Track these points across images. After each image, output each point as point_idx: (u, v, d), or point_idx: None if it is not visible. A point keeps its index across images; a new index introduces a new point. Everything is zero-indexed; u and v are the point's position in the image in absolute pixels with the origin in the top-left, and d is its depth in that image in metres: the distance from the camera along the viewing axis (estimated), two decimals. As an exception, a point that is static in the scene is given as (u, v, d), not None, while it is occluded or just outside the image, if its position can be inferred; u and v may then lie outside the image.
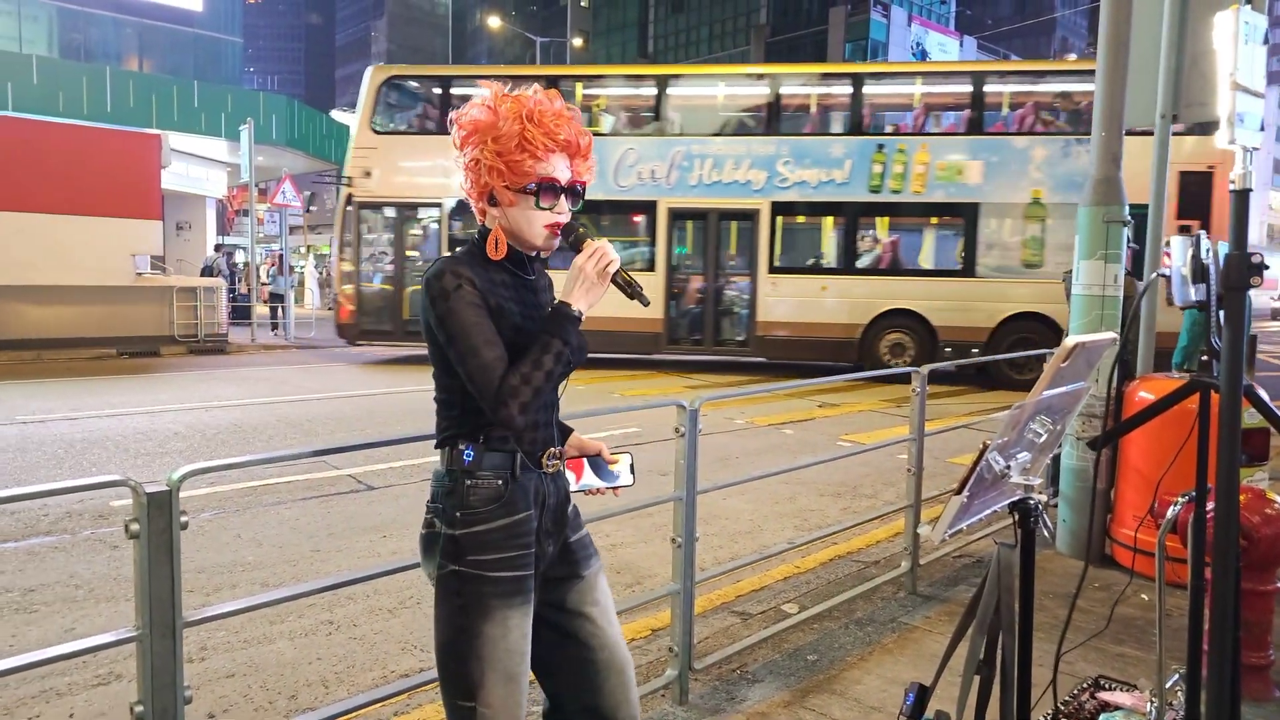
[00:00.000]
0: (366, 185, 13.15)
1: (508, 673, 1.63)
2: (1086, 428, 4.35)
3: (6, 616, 3.72)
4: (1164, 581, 2.19)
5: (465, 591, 1.63)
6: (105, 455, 6.73)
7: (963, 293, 12.37)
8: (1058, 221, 12.15)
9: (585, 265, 1.62)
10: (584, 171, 1.73)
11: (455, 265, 1.62)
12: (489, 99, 1.65)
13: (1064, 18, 55.85)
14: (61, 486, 1.78)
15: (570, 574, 1.79)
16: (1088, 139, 12.93)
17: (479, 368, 1.57)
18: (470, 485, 1.65)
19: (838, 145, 12.76)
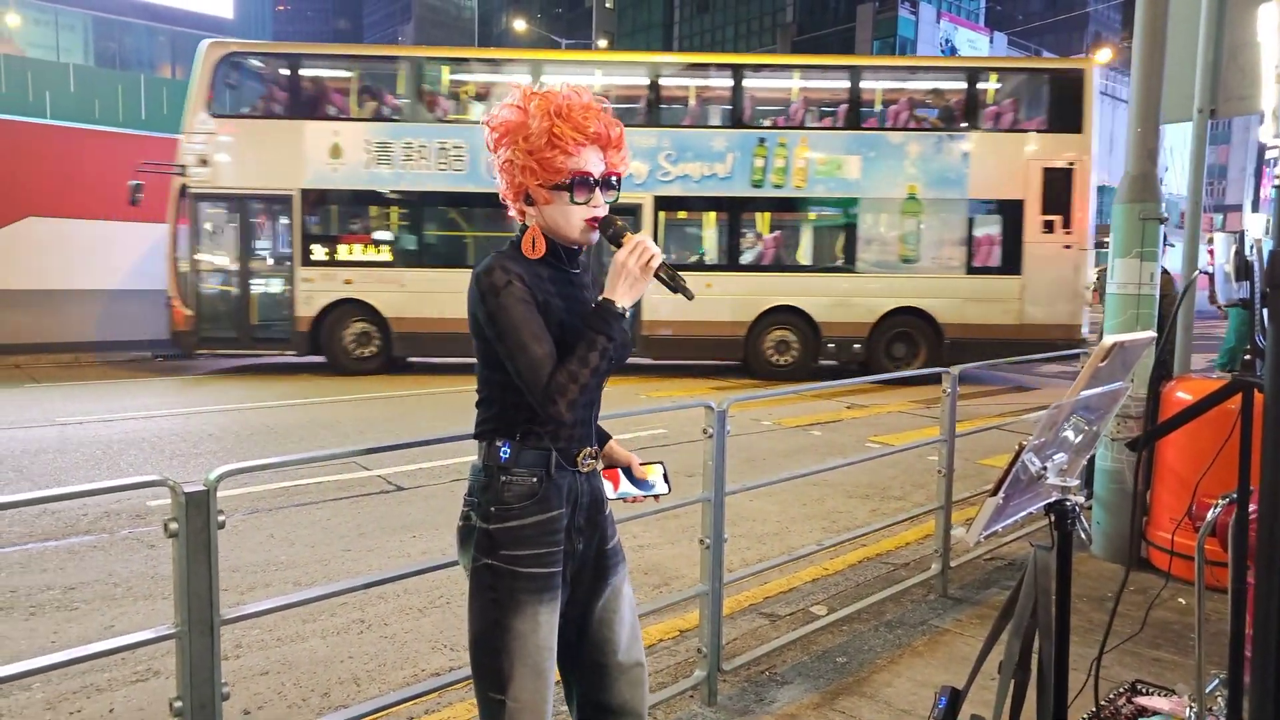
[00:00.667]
0: (203, 175, 11.83)
1: (536, 668, 1.65)
2: (1121, 429, 4.29)
3: (48, 614, 3.80)
4: (1203, 585, 2.15)
5: (498, 586, 1.66)
6: (141, 456, 6.85)
7: (844, 288, 12.33)
8: (933, 216, 12.37)
9: (627, 261, 1.63)
10: (618, 162, 1.73)
11: (504, 261, 1.64)
12: (518, 98, 1.66)
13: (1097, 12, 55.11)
14: (103, 486, 1.82)
15: (598, 579, 1.81)
16: (961, 135, 12.44)
17: (528, 364, 1.59)
18: (505, 481, 1.68)
19: (719, 138, 12.48)
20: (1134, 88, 4.21)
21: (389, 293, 12.14)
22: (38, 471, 6.28)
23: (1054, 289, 12.18)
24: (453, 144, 12.13)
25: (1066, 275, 12.23)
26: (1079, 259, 12.28)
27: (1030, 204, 12.11)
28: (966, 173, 12.31)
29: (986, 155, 12.31)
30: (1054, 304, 12.19)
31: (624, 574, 1.86)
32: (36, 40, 26.18)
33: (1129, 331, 4.10)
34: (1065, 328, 12.20)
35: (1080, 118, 12.28)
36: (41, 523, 5.02)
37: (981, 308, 12.22)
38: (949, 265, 12.37)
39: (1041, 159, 12.17)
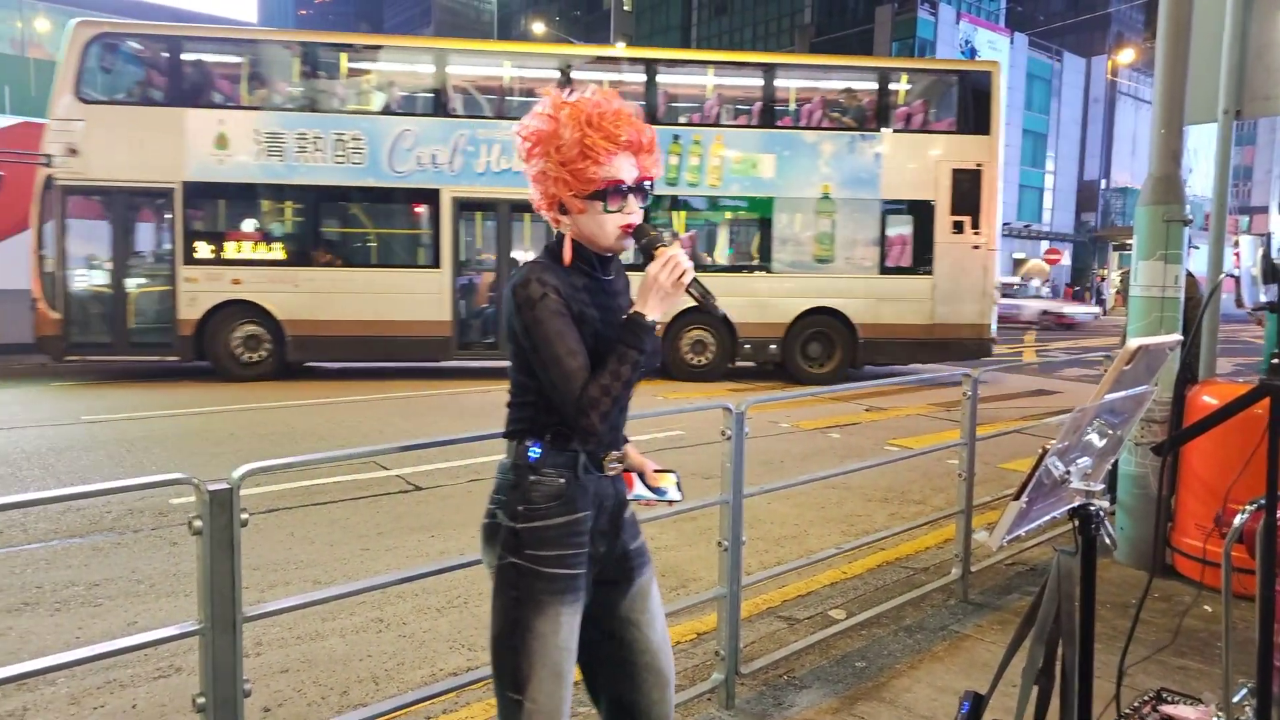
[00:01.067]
0: (72, 165, 10.87)
1: (556, 669, 1.66)
2: (1145, 433, 4.24)
3: (73, 610, 3.84)
4: (1230, 593, 2.12)
5: (521, 585, 1.67)
6: (165, 454, 6.92)
7: (760, 289, 12.30)
8: (846, 216, 12.41)
9: (659, 275, 1.63)
10: (650, 167, 1.73)
11: (539, 273, 1.65)
12: (548, 107, 1.66)
13: (1119, 12, 54.62)
14: (129, 484, 1.83)
15: (623, 579, 1.82)
16: (873, 135, 12.47)
17: (562, 377, 1.61)
18: (534, 481, 1.69)
19: None
20: (1157, 89, 4.17)
21: (282, 293, 11.49)
22: (63, 469, 6.36)
23: (964, 289, 12.35)
24: (351, 135, 11.59)
25: (976, 275, 12.39)
26: (988, 259, 12.47)
27: (940, 205, 12.31)
28: (879, 173, 12.40)
29: (898, 156, 12.43)
30: (964, 304, 12.36)
31: (650, 575, 1.87)
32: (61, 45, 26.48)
33: (1153, 334, 4.06)
34: (975, 327, 12.42)
35: (988, 119, 12.48)
36: (66, 519, 5.08)
37: (895, 307, 12.38)
38: (863, 265, 12.45)
39: (951, 160, 12.36)
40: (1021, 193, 48.74)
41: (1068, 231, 51.39)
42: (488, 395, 10.38)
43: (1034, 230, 48.95)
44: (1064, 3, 55.09)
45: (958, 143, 12.46)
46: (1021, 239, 48.65)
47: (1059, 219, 51.18)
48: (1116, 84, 52.42)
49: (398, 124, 11.82)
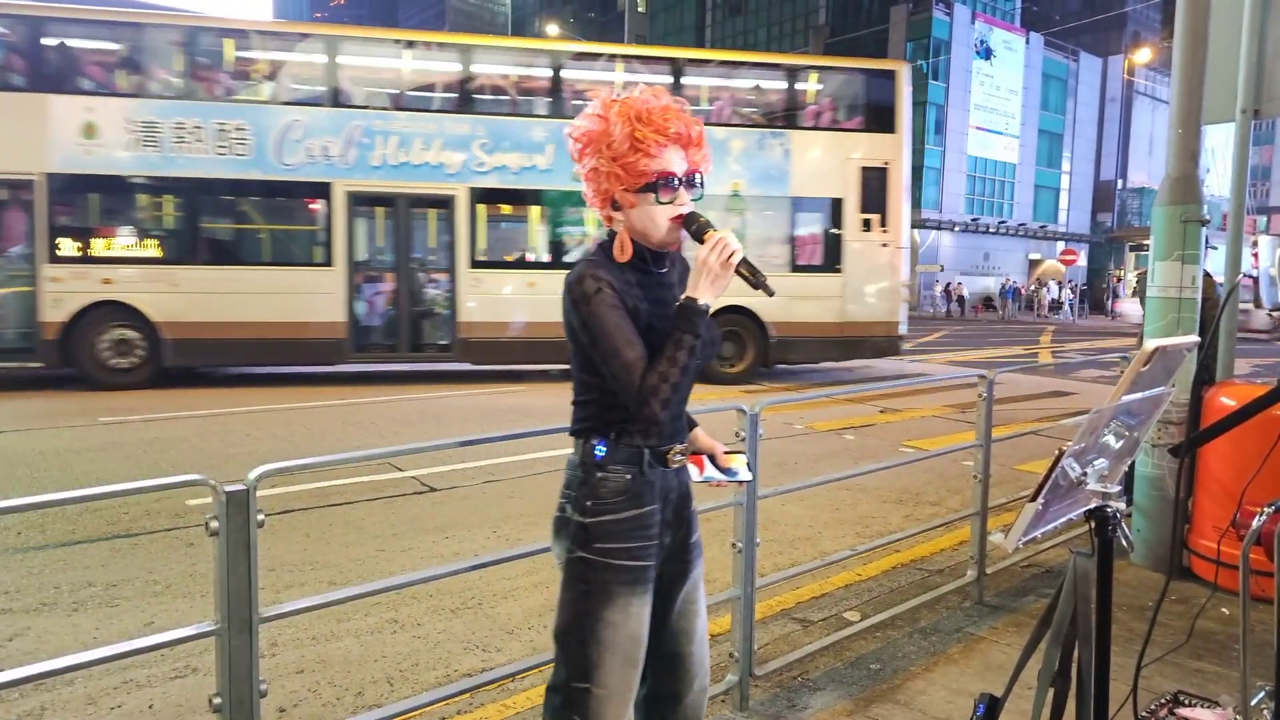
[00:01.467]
0: None
1: (627, 656, 1.72)
2: (1162, 434, 4.21)
3: (91, 610, 3.88)
4: (1248, 595, 2.10)
5: (590, 578, 1.73)
6: (181, 455, 6.97)
7: None
8: (757, 214, 12.40)
9: (708, 257, 1.66)
10: (700, 160, 1.76)
11: (594, 269, 1.68)
12: (598, 107, 1.71)
13: (1136, 11, 54.20)
14: (147, 485, 1.85)
15: (682, 571, 1.88)
16: (782, 132, 12.38)
17: (622, 368, 1.64)
18: (601, 477, 1.74)
19: (539, 128, 11.74)
20: (1174, 88, 4.14)
21: (158, 293, 10.76)
22: (81, 470, 6.42)
23: (874, 286, 12.45)
24: (235, 125, 10.97)
25: (885, 273, 12.52)
26: (896, 257, 12.55)
27: (849, 203, 12.40)
28: (789, 170, 12.38)
29: (807, 154, 12.44)
30: (874, 302, 12.47)
31: (702, 569, 1.93)
32: None
33: (1170, 335, 4.03)
34: (885, 325, 12.55)
35: (894, 118, 12.51)
36: (84, 520, 5.13)
37: (806, 306, 12.31)
38: (773, 263, 12.32)
39: (859, 158, 12.46)
40: (1037, 193, 48.48)
41: (1084, 232, 51.06)
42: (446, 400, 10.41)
43: (1050, 231, 48.67)
44: (1080, 2, 54.73)
45: (866, 141, 12.53)
46: (1037, 240, 48.38)
47: (1075, 219, 50.86)
48: (1133, 83, 52.05)
49: (286, 114, 11.22)
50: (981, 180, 45.14)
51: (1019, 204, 47.18)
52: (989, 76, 44.04)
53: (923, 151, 42.24)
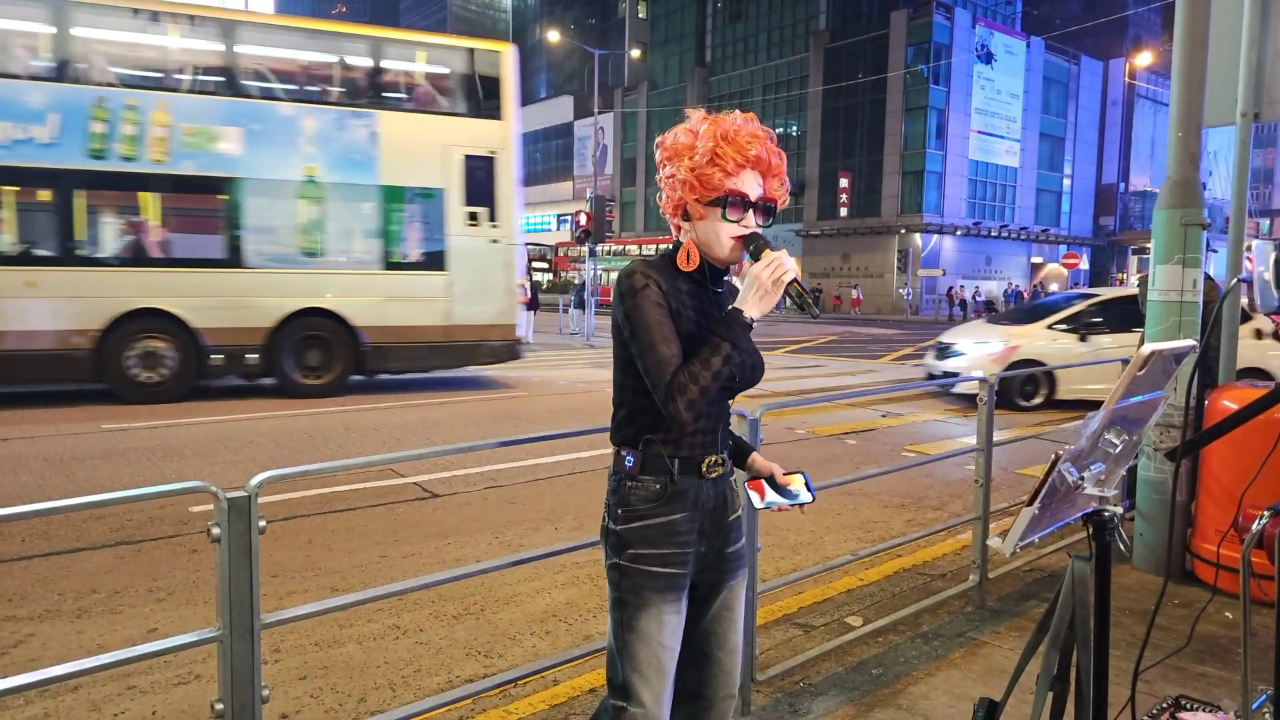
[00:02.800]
0: None
1: (659, 667, 1.75)
2: (1164, 438, 4.21)
3: (94, 616, 3.88)
4: (1249, 598, 2.10)
5: (623, 585, 1.77)
6: (184, 462, 6.98)
7: (229, 287, 10.45)
8: (339, 204, 11.00)
9: (761, 273, 1.69)
10: (778, 191, 1.81)
11: (646, 267, 1.73)
12: (693, 123, 1.76)
13: (1136, 15, 54.21)
14: (148, 492, 1.86)
15: (719, 578, 1.89)
16: (367, 113, 11.22)
17: (655, 362, 1.66)
18: (631, 486, 1.79)
19: (37, 93, 9.63)
20: (1174, 91, 4.15)
21: None
22: (84, 477, 6.43)
23: (484, 286, 11.42)
24: None
25: (496, 271, 11.50)
26: (509, 254, 11.57)
27: (452, 194, 11.30)
28: (377, 156, 11.02)
29: (400, 138, 11.15)
30: (485, 303, 11.45)
31: (743, 577, 1.95)
32: None
33: (1170, 339, 4.03)
34: (500, 328, 11.56)
35: (500, 104, 11.51)
36: (88, 527, 5.14)
37: (405, 308, 11.18)
38: (362, 260, 11.10)
39: (462, 146, 11.34)
40: (1039, 197, 48.46)
41: (1086, 235, 51.03)
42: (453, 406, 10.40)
43: (1052, 235, 48.64)
44: (1081, 5, 54.77)
45: (469, 127, 11.44)
46: (1039, 243, 48.35)
47: (1077, 223, 50.84)
48: (1134, 86, 52.06)
49: None
50: (983, 184, 45.14)
51: (1021, 208, 47.16)
52: (990, 80, 44.06)
53: (924, 156, 42.27)
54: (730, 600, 1.91)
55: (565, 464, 6.91)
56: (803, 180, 47.52)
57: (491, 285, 11.55)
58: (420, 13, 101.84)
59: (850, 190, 45.11)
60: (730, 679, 1.92)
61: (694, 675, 1.90)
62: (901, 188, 43.27)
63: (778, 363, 16.07)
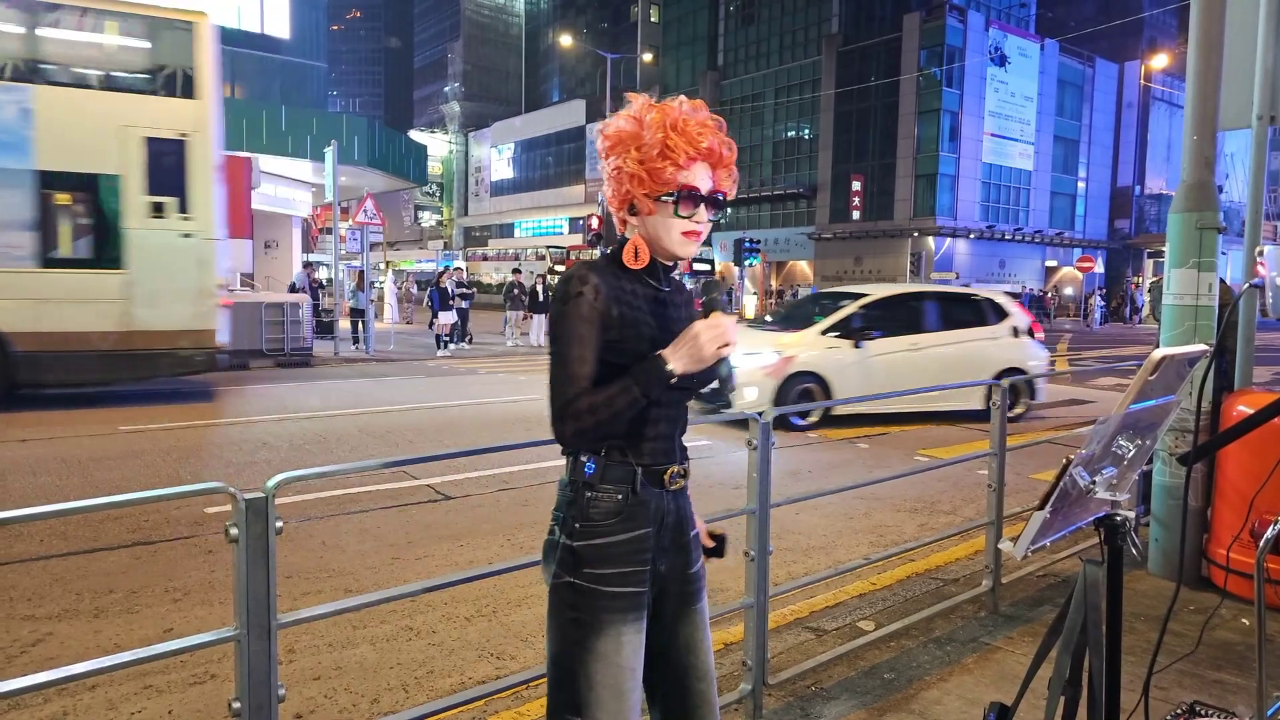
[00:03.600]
0: None
1: (618, 689, 1.63)
2: (1180, 443, 4.18)
3: (112, 616, 3.92)
4: (1264, 604, 2.09)
5: (580, 605, 1.64)
6: (200, 464, 7.03)
7: None
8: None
9: (702, 335, 1.58)
10: (726, 182, 1.72)
11: (586, 271, 1.64)
12: (635, 109, 1.67)
13: (1152, 17, 53.88)
14: (167, 493, 1.88)
15: (683, 603, 1.78)
16: (18, 87, 9.55)
17: (561, 378, 1.59)
18: (591, 497, 1.66)
19: None
20: (1189, 95, 4.13)
21: None
22: (102, 478, 6.49)
23: (173, 287, 9.96)
24: None
25: (189, 270, 10.04)
26: (205, 250, 10.13)
27: (131, 181, 9.83)
28: (31, 136, 9.56)
29: (63, 116, 9.70)
30: (174, 306, 9.98)
31: (705, 601, 1.83)
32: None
33: (1186, 344, 4.01)
34: (192, 335, 10.12)
35: (195, 81, 10.15)
36: (106, 528, 5.19)
37: (69, 311, 9.65)
38: (12, 255, 9.50)
39: (144, 126, 9.91)
40: (1053, 200, 48.17)
41: (1101, 239, 50.69)
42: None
43: (1066, 238, 48.35)
44: (1095, 7, 54.46)
45: (153, 106, 10.02)
46: (1054, 246, 48.07)
47: (1092, 226, 50.51)
48: (1150, 89, 51.71)
49: None
50: (997, 187, 44.92)
51: (1035, 211, 46.91)
52: (1004, 83, 43.86)
53: (937, 159, 42.11)
54: (698, 624, 1.79)
55: (577, 467, 6.92)
56: (815, 183, 47.42)
57: (182, 286, 10.04)
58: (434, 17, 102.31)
59: (863, 193, 44.98)
60: (714, 709, 1.79)
61: (680, 710, 1.78)
62: (914, 191, 43.12)
63: (790, 366, 16.01)
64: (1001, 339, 10.04)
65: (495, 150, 74.25)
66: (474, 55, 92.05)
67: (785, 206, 50.46)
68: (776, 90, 50.70)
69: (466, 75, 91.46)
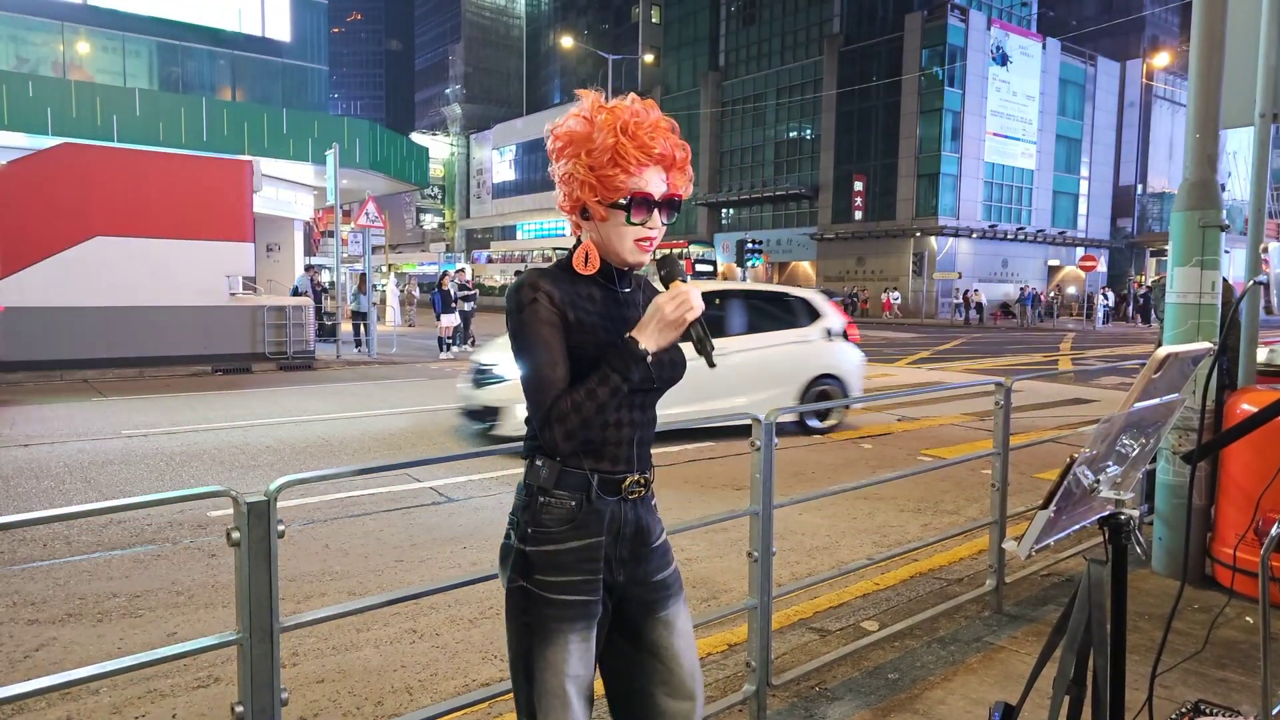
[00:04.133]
0: None
1: (564, 699, 1.60)
2: (1183, 441, 4.17)
3: (115, 620, 3.92)
4: (1268, 602, 2.09)
5: (530, 610, 1.63)
6: (203, 467, 7.04)
7: None
8: None
9: (665, 306, 1.57)
10: (680, 184, 1.67)
11: (537, 278, 1.61)
12: (585, 109, 1.62)
13: (1153, 16, 53.82)
14: (168, 496, 1.88)
15: (648, 612, 1.73)
16: None
17: (536, 385, 1.57)
18: (544, 503, 1.63)
19: None
20: (1192, 93, 4.12)
21: None
22: (104, 482, 6.50)
23: None
24: None
25: None
26: None
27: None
28: None
29: None
30: None
31: (677, 608, 1.76)
32: (104, 66, 27.24)
33: (1189, 342, 4.00)
34: None
35: None
36: (108, 532, 5.19)
37: None
38: None
39: None
40: (1056, 199, 48.13)
41: (1103, 238, 50.64)
42: (519, 407, 10.41)
43: (1069, 237, 48.31)
44: (1097, 6, 54.42)
45: None
46: (1056, 246, 48.02)
47: (1094, 225, 50.46)
48: (1152, 87, 51.67)
49: None
50: (999, 187, 44.88)
51: (1037, 210, 46.85)
52: (1005, 83, 43.83)
53: (939, 158, 42.08)
54: (665, 633, 1.72)
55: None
56: (817, 183, 47.39)
57: None
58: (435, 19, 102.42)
59: (865, 193, 44.97)
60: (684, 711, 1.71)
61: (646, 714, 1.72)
62: (916, 190, 43.09)
63: (793, 367, 16.01)
64: (814, 342, 9.07)
65: (497, 152, 74.31)
66: (475, 57, 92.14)
67: (787, 207, 50.44)
68: (778, 91, 50.69)
69: (468, 77, 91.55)
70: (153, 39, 27.78)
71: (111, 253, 13.68)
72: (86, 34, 26.62)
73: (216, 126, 21.84)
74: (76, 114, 19.96)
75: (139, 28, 26.93)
